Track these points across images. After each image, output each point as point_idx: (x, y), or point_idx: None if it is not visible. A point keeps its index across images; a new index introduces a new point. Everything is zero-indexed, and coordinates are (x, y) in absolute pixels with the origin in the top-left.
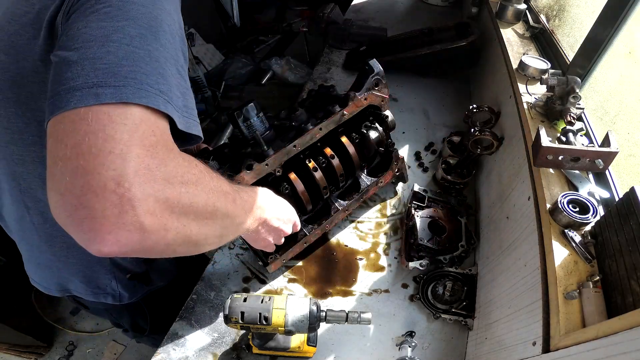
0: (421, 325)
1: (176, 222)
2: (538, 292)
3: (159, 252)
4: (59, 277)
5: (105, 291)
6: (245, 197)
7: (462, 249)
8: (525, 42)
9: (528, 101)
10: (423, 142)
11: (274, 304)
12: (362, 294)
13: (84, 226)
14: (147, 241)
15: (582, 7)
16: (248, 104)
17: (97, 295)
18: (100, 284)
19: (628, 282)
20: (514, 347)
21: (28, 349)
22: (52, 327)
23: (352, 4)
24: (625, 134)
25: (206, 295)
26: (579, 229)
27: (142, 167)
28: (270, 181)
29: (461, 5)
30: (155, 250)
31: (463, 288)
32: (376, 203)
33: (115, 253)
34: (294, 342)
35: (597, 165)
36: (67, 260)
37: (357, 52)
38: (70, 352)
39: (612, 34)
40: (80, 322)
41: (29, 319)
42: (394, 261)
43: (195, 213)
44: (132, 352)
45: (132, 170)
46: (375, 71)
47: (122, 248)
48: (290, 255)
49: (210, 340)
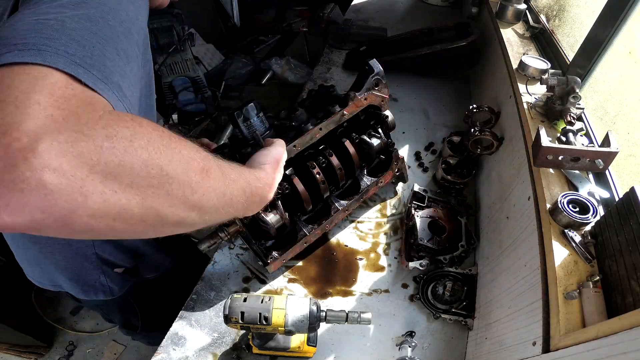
0: (421, 325)
1: (100, 185)
2: (538, 292)
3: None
4: (49, 273)
5: (95, 287)
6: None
7: (462, 249)
8: (525, 42)
9: (528, 101)
10: (423, 142)
11: (274, 304)
12: (362, 294)
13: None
14: (57, 207)
15: (582, 7)
16: (248, 104)
17: (87, 293)
18: (89, 280)
19: (628, 282)
20: (514, 347)
21: (28, 349)
22: (52, 327)
23: (352, 4)
24: (625, 134)
25: (206, 295)
26: (579, 229)
27: (44, 115)
28: None
29: (461, 5)
30: (78, 223)
31: (463, 288)
32: (376, 203)
33: (21, 225)
34: (294, 342)
35: (597, 165)
36: (52, 256)
37: (357, 52)
38: (70, 352)
39: (612, 34)
40: (80, 322)
41: (29, 319)
42: (394, 261)
43: (131, 176)
44: (132, 352)
45: (29, 118)
46: (375, 71)
47: (25, 217)
48: (290, 255)
49: (210, 340)
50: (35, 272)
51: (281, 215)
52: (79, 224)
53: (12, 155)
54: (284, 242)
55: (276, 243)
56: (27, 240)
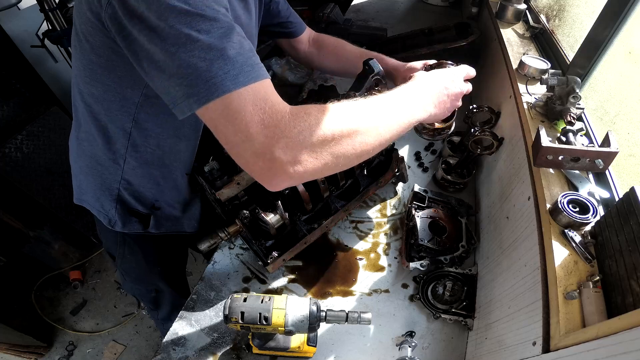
0: (421, 325)
1: (309, 157)
2: (538, 292)
3: (320, 174)
4: (80, 187)
5: (106, 213)
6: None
7: (463, 249)
8: (525, 42)
9: (528, 101)
10: (423, 142)
11: (274, 304)
12: (362, 294)
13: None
14: (305, 176)
15: (582, 7)
16: None
17: (99, 213)
18: (105, 206)
19: (628, 282)
20: (514, 347)
21: (28, 349)
22: (52, 327)
23: (352, 4)
24: (625, 134)
25: (206, 295)
26: (579, 229)
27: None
28: None
29: (461, 5)
30: (315, 174)
31: (463, 288)
32: (376, 203)
33: (280, 187)
34: (294, 342)
35: (597, 165)
36: (87, 176)
37: None
38: (70, 352)
39: (612, 34)
40: (80, 322)
41: (29, 319)
42: (394, 261)
43: (321, 146)
44: (132, 352)
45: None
46: (375, 71)
47: (283, 184)
48: (290, 255)
49: (210, 340)
50: (75, 183)
51: (281, 215)
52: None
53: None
54: (284, 242)
55: (276, 243)
56: (77, 156)
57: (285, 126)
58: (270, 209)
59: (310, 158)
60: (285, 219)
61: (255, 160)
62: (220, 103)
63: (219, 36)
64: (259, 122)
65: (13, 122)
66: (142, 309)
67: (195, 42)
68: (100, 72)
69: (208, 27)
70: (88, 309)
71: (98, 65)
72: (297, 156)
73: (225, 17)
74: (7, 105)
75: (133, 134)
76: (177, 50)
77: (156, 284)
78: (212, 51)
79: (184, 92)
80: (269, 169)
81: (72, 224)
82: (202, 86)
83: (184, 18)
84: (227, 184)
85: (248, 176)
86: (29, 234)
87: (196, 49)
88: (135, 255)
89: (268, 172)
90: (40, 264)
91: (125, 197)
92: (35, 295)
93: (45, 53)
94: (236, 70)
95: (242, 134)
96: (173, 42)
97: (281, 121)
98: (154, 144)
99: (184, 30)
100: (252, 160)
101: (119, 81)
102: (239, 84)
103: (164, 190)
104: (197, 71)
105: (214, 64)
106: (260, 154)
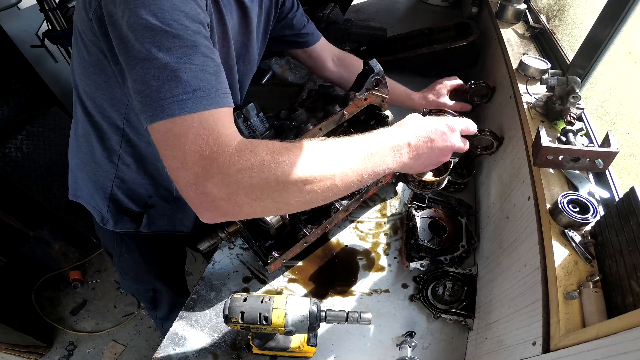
0: (421, 325)
1: (245, 198)
2: (538, 292)
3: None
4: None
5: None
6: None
7: (463, 249)
8: (525, 42)
9: (528, 101)
10: None
11: (274, 304)
12: (362, 294)
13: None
14: (240, 215)
15: (582, 7)
16: (248, 104)
17: (93, 209)
18: (98, 204)
19: (628, 282)
20: (514, 347)
21: (28, 349)
22: (52, 327)
23: (352, 4)
24: (625, 134)
25: (206, 295)
26: (579, 229)
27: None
28: None
29: (461, 5)
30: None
31: (463, 288)
32: (376, 203)
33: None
34: (294, 342)
35: (597, 165)
36: (82, 173)
37: (357, 52)
38: (70, 352)
39: (612, 34)
40: (80, 322)
41: (29, 319)
42: (394, 261)
43: (264, 187)
44: (132, 352)
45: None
46: (375, 71)
47: (215, 219)
48: (290, 255)
49: (210, 340)
50: (71, 179)
51: (281, 215)
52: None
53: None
54: (284, 242)
55: (276, 243)
56: (73, 151)
57: (224, 162)
58: None
59: (247, 199)
60: (285, 219)
61: (188, 189)
62: (163, 125)
63: (179, 55)
64: (196, 152)
65: (13, 122)
66: (142, 309)
67: (152, 59)
68: (92, 71)
69: (170, 44)
70: (88, 309)
71: (90, 63)
72: (231, 195)
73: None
74: (7, 105)
75: (126, 130)
76: (136, 65)
77: (154, 284)
78: (166, 71)
79: (139, 107)
80: (200, 202)
81: (72, 224)
82: (150, 105)
83: (149, 33)
84: None
85: None
86: (29, 234)
87: (152, 67)
88: (132, 254)
89: (200, 205)
90: (40, 264)
91: (118, 196)
92: (35, 295)
93: (45, 53)
94: (186, 95)
95: (178, 161)
96: (134, 55)
97: (221, 155)
98: (145, 142)
99: (145, 46)
100: (185, 189)
101: (109, 80)
102: (185, 110)
103: (159, 185)
104: (149, 89)
105: (165, 85)
106: (193, 184)
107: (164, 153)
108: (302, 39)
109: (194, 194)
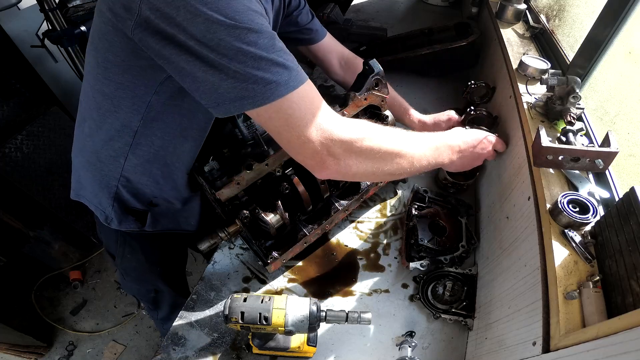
0: (421, 325)
1: (354, 161)
2: (538, 292)
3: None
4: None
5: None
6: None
7: (463, 249)
8: (525, 42)
9: (528, 101)
10: None
11: (274, 304)
12: (362, 294)
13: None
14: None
15: (582, 7)
16: None
17: (96, 209)
18: (102, 203)
19: (628, 282)
20: (514, 347)
21: (28, 349)
22: (52, 327)
23: (352, 4)
24: (625, 134)
25: (206, 295)
26: (579, 229)
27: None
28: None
29: (461, 5)
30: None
31: (463, 288)
32: (376, 203)
33: (328, 177)
34: (294, 342)
35: (597, 165)
36: (86, 172)
37: (357, 52)
38: (70, 352)
39: (612, 34)
40: (80, 322)
41: (29, 319)
42: (394, 261)
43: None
44: (132, 352)
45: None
46: (375, 71)
47: (330, 176)
48: (290, 255)
49: (210, 340)
50: (74, 178)
51: (281, 215)
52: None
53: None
54: (284, 242)
55: (276, 243)
56: (78, 150)
57: (339, 132)
58: (270, 209)
59: (356, 161)
60: (285, 219)
61: (314, 156)
62: (275, 106)
63: (266, 46)
64: (313, 124)
65: (13, 122)
66: (142, 309)
67: (246, 53)
68: (115, 71)
69: (255, 38)
70: (88, 309)
71: (113, 64)
72: (347, 157)
73: (268, 28)
74: (7, 105)
75: (139, 132)
76: (230, 61)
77: (156, 284)
78: (262, 60)
79: (237, 95)
80: (322, 163)
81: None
82: (258, 91)
83: (233, 31)
84: (227, 184)
85: (248, 176)
86: (29, 234)
87: (249, 59)
88: (135, 254)
89: (321, 165)
90: (40, 264)
91: (123, 195)
92: (35, 295)
93: (45, 53)
94: (286, 76)
95: (298, 133)
96: (224, 53)
97: (336, 127)
98: (158, 144)
99: (235, 44)
100: (310, 156)
101: (133, 80)
102: (290, 88)
103: (163, 188)
104: (253, 77)
105: (266, 71)
106: (317, 153)
107: (280, 130)
108: (306, 35)
109: (318, 158)
